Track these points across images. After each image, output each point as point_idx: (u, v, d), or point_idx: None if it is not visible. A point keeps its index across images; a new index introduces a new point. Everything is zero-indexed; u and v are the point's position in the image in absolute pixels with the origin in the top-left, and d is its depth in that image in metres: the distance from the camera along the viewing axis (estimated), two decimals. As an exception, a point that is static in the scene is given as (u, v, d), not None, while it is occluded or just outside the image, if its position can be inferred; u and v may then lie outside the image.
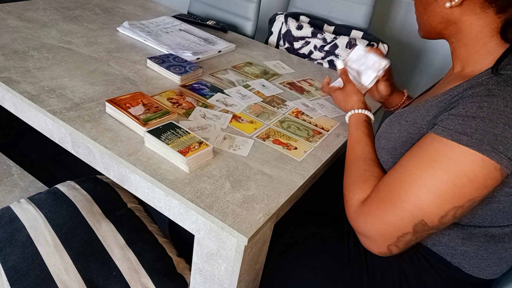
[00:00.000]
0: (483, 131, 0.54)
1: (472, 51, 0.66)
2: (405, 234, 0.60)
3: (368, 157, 0.74)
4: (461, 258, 0.68)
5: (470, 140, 0.54)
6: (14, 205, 0.88)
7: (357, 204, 0.66)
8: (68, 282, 0.75)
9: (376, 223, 0.62)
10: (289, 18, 1.45)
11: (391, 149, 0.70)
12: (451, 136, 0.56)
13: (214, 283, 0.69)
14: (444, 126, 0.58)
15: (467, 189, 0.55)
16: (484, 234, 0.65)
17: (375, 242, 0.63)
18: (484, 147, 0.54)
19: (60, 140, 0.81)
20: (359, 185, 0.68)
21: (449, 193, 0.56)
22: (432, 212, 0.57)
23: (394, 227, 0.60)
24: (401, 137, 0.68)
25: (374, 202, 0.63)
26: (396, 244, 0.62)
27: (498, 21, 0.62)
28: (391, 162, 0.70)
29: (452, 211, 0.57)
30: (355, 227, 0.67)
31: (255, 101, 0.99)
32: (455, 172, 0.55)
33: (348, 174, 0.74)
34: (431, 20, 0.69)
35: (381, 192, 0.63)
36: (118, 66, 1.01)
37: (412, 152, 0.62)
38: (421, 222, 0.58)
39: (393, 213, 0.60)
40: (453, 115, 0.58)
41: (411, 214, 0.58)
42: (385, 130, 0.74)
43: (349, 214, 0.68)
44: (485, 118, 0.54)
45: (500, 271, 0.70)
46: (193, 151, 0.69)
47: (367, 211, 0.64)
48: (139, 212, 0.95)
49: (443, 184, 0.56)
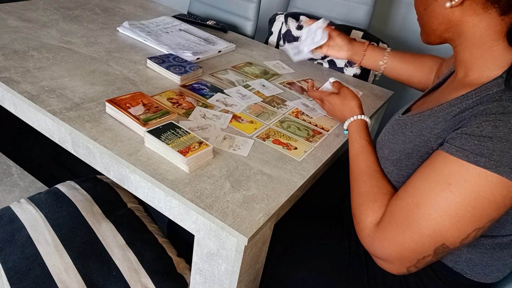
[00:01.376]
0: (501, 152, 0.52)
1: (476, 55, 0.63)
2: (426, 257, 0.58)
3: (373, 169, 0.72)
4: (465, 265, 0.67)
5: (488, 162, 0.52)
6: (14, 205, 0.88)
7: (371, 228, 0.64)
8: (68, 282, 0.75)
9: (394, 248, 0.59)
10: (289, 18, 1.45)
11: (396, 161, 0.68)
12: (467, 157, 0.54)
13: (214, 283, 0.69)
14: (458, 146, 0.55)
15: (487, 211, 0.54)
16: (490, 243, 0.65)
17: (394, 265, 0.62)
18: (503, 169, 0.52)
19: (60, 140, 0.81)
20: (369, 206, 0.66)
21: (469, 216, 0.54)
22: (453, 236, 0.56)
23: (414, 252, 0.58)
24: (406, 149, 0.66)
25: (390, 228, 0.60)
26: (416, 265, 0.60)
27: (502, 23, 0.59)
28: (396, 174, 0.68)
29: (473, 233, 0.56)
30: (370, 251, 0.64)
31: (255, 101, 0.99)
32: (473, 195, 0.53)
33: (355, 191, 0.71)
34: (431, 21, 0.67)
35: (395, 216, 0.60)
36: (118, 66, 1.01)
37: (424, 173, 0.59)
38: (442, 246, 0.57)
39: (412, 239, 0.57)
40: (466, 134, 0.55)
41: (432, 240, 0.56)
42: (388, 139, 0.72)
43: (362, 237, 0.66)
44: (502, 138, 0.52)
45: (502, 276, 0.69)
46: (193, 151, 0.69)
47: (382, 236, 0.61)
48: (139, 212, 0.95)
49: (463, 207, 0.54)
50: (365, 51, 1.06)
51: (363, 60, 1.08)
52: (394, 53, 1.05)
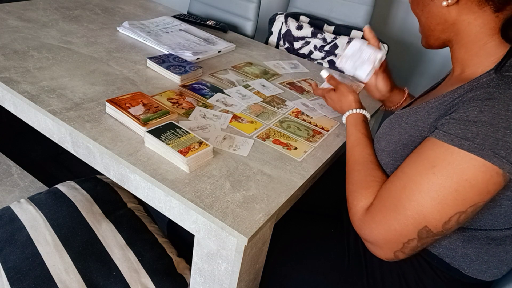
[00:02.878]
0: (485, 136, 0.53)
1: (471, 52, 0.65)
2: (410, 241, 0.60)
3: (368, 160, 0.73)
4: (461, 261, 0.68)
5: (471, 145, 0.54)
6: (14, 205, 0.88)
7: (362, 212, 0.66)
8: (68, 282, 0.75)
9: (381, 230, 0.61)
10: (289, 18, 1.45)
11: (392, 152, 0.69)
12: (452, 141, 0.56)
13: (214, 283, 0.69)
14: (445, 130, 0.57)
15: (469, 195, 0.55)
16: (485, 237, 0.65)
17: (381, 249, 0.63)
18: (486, 152, 0.53)
19: (60, 140, 0.81)
20: (362, 192, 0.68)
21: (451, 199, 0.55)
22: (435, 218, 0.57)
23: (399, 234, 0.60)
24: (402, 140, 0.67)
25: (378, 210, 0.62)
26: (402, 250, 0.61)
27: (496, 20, 0.61)
28: (392, 165, 0.69)
29: (455, 216, 0.56)
30: (361, 235, 0.66)
31: (255, 101, 0.99)
32: (456, 177, 0.55)
33: (349, 180, 0.73)
34: (429, 22, 0.69)
35: (384, 199, 0.62)
36: (118, 66, 1.01)
37: (413, 157, 0.61)
38: (425, 228, 0.58)
39: (397, 220, 0.59)
40: (454, 119, 0.57)
41: (415, 221, 0.58)
42: (385, 131, 0.73)
43: (354, 221, 0.68)
44: (486, 123, 0.53)
45: (500, 273, 0.69)
46: (193, 151, 0.69)
47: (371, 219, 0.63)
48: (139, 212, 0.95)
49: (445, 189, 0.55)
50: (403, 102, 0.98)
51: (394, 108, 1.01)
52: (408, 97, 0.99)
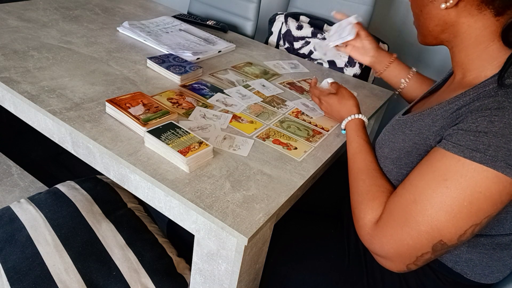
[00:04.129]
0: (496, 147, 0.52)
1: (472, 56, 0.64)
2: (424, 254, 0.58)
3: (371, 168, 0.72)
4: (464, 265, 0.67)
5: (484, 157, 0.52)
6: (14, 205, 0.88)
7: (370, 226, 0.64)
8: (68, 282, 0.75)
9: (393, 245, 0.60)
10: (289, 18, 1.45)
11: (395, 159, 0.68)
12: (463, 153, 0.54)
13: (214, 283, 0.69)
14: (455, 142, 0.56)
15: (483, 206, 0.54)
16: (490, 243, 0.64)
17: (393, 262, 0.62)
18: (499, 164, 0.52)
19: (60, 140, 0.81)
20: (368, 204, 0.66)
21: (466, 212, 0.54)
22: (450, 232, 0.56)
23: (413, 249, 0.58)
24: (406, 147, 0.66)
25: (389, 225, 0.61)
26: (415, 263, 0.60)
27: (497, 24, 0.60)
28: (395, 172, 0.68)
29: (470, 229, 0.55)
30: (370, 249, 0.65)
31: (255, 101, 0.99)
32: (469, 190, 0.53)
33: (354, 190, 0.71)
34: (427, 23, 0.68)
35: (394, 213, 0.60)
36: (118, 66, 1.01)
37: (422, 169, 0.59)
38: (440, 242, 0.57)
39: (410, 235, 0.58)
40: (462, 130, 0.56)
41: (429, 236, 0.56)
42: (387, 138, 0.72)
43: (362, 235, 0.66)
44: (498, 133, 0.52)
45: (502, 277, 0.69)
46: (193, 151, 0.69)
47: (381, 234, 0.61)
48: (139, 212, 0.95)
49: (459, 203, 0.54)
50: (390, 63, 1.02)
51: (385, 72, 1.03)
52: (418, 75, 1.02)
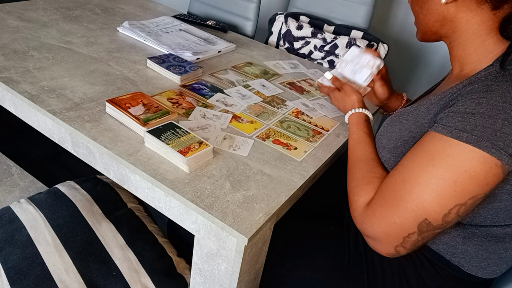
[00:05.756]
0: (483, 128, 0.54)
1: (470, 50, 0.66)
2: (411, 234, 0.60)
3: (369, 157, 0.73)
4: (461, 257, 0.68)
5: (470, 137, 0.54)
6: (14, 205, 0.88)
7: (362, 207, 0.66)
8: (68, 282, 0.75)
9: (382, 224, 0.61)
10: (289, 18, 1.45)
11: (393, 148, 0.70)
12: (450, 133, 0.56)
13: (214, 283, 0.69)
14: (444, 123, 0.58)
15: (469, 187, 0.55)
16: (485, 234, 0.65)
17: (382, 244, 0.63)
18: (484, 144, 0.53)
19: (60, 140, 0.81)
20: (363, 188, 0.68)
21: (450, 191, 0.56)
22: (435, 210, 0.57)
23: (399, 228, 0.60)
24: (403, 136, 0.68)
25: (379, 204, 0.63)
26: (403, 245, 0.62)
27: (494, 18, 0.62)
28: (393, 161, 0.69)
29: (454, 209, 0.57)
30: (361, 230, 0.67)
31: (255, 101, 0.99)
32: (455, 169, 0.55)
33: (351, 176, 0.74)
34: (427, 19, 0.69)
35: (384, 193, 0.63)
36: (118, 66, 1.01)
37: (413, 151, 0.62)
38: (425, 221, 0.58)
39: (397, 213, 0.59)
40: (452, 112, 0.58)
41: (415, 214, 0.58)
42: (386, 129, 0.74)
43: (355, 217, 0.68)
44: (484, 114, 0.54)
45: (499, 271, 0.70)
46: (193, 151, 0.69)
47: (372, 213, 0.63)
48: (139, 212, 0.95)
49: (444, 182, 0.56)
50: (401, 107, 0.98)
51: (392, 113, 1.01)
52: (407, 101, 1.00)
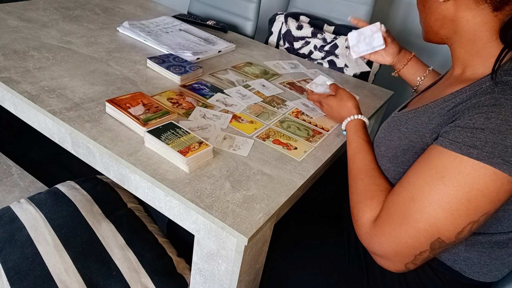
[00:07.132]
0: (493, 144, 0.52)
1: (472, 52, 0.64)
2: (423, 252, 0.58)
3: (370, 168, 0.72)
4: (463, 264, 0.67)
5: (481, 153, 0.52)
6: (14, 205, 0.88)
7: (368, 225, 0.64)
8: (68, 282, 0.75)
9: (391, 244, 0.59)
10: (289, 18, 1.45)
11: (392, 157, 0.68)
12: (460, 149, 0.54)
13: (214, 283, 0.69)
14: (452, 139, 0.55)
15: (481, 204, 0.53)
16: (488, 241, 0.64)
17: (391, 262, 0.61)
18: (496, 160, 0.52)
19: (60, 140, 0.81)
20: (367, 203, 0.66)
21: (464, 209, 0.54)
22: (448, 229, 0.55)
23: (411, 247, 0.58)
24: (402, 145, 0.66)
25: (387, 223, 0.60)
26: (413, 262, 0.60)
27: (495, 19, 0.60)
28: (392, 170, 0.68)
29: (468, 226, 0.55)
30: (369, 248, 0.64)
31: (255, 101, 0.99)
32: (467, 187, 0.53)
33: (353, 190, 0.71)
34: (428, 17, 0.69)
35: (392, 211, 0.60)
36: (118, 66, 1.01)
37: (419, 167, 0.59)
38: (438, 240, 0.56)
39: (408, 233, 0.57)
40: (459, 127, 0.55)
41: (427, 234, 0.56)
42: (384, 136, 0.72)
43: (360, 235, 0.65)
44: (494, 130, 0.52)
45: (501, 275, 0.69)
46: (193, 151, 0.69)
47: (380, 232, 0.61)
48: (139, 212, 0.95)
49: (456, 200, 0.54)
50: (408, 60, 1.04)
51: (403, 70, 1.05)
52: (434, 74, 1.03)
